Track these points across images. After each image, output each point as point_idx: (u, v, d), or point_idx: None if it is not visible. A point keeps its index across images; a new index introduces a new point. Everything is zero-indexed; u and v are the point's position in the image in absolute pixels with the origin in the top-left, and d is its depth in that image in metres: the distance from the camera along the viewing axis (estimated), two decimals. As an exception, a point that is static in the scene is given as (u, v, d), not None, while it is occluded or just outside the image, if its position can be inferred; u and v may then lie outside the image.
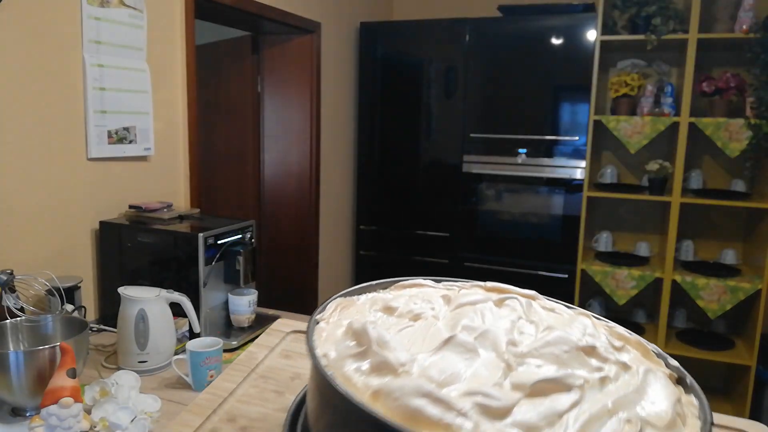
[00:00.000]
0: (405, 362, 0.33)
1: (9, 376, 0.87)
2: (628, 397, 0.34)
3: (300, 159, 2.36)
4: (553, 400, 0.32)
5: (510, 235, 2.41)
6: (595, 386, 0.35)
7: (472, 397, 0.31)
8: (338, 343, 0.36)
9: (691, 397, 0.37)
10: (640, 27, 2.17)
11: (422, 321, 0.39)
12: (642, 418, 0.33)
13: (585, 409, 0.32)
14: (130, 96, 1.44)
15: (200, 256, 1.20)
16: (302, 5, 2.18)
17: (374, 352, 0.33)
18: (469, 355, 0.35)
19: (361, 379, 0.32)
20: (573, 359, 0.36)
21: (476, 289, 0.46)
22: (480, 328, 0.37)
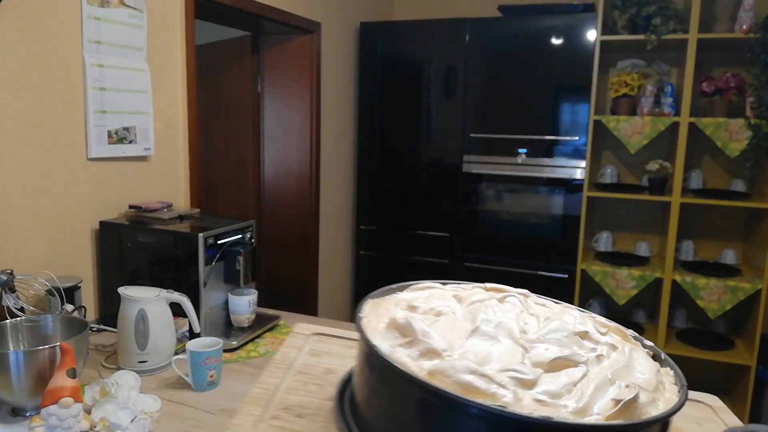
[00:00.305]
0: (446, 348, 0.40)
1: (9, 376, 0.87)
2: (622, 370, 0.43)
3: (300, 159, 2.36)
4: (568, 374, 0.40)
5: (510, 235, 2.41)
6: (594, 362, 0.43)
7: (506, 372, 0.38)
8: (384, 335, 0.42)
9: (667, 369, 0.46)
10: (640, 27, 2.17)
11: (444, 316, 0.46)
12: (636, 384, 0.40)
13: (592, 379, 0.40)
14: (130, 96, 1.44)
15: (200, 256, 1.20)
16: (302, 5, 2.18)
17: (420, 341, 0.41)
18: (492, 341, 0.42)
19: (414, 363, 0.39)
20: (572, 342, 0.45)
21: (478, 289, 0.53)
22: (495, 320, 0.45)
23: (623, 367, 0.43)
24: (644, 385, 0.41)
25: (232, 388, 1.04)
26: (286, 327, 1.37)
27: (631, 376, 0.42)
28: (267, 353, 1.21)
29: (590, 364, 0.42)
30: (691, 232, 2.44)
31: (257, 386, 0.52)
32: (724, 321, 2.40)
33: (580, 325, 0.48)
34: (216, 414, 0.95)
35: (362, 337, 0.41)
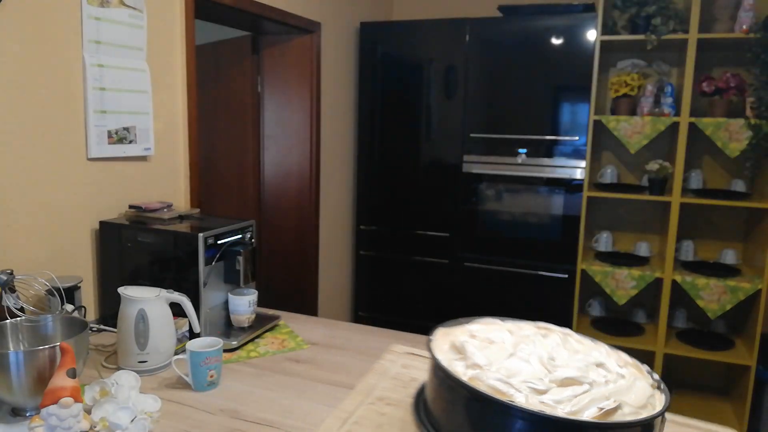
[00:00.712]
0: (486, 364, 0.58)
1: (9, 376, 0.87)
2: (620, 392, 0.55)
3: (300, 159, 2.36)
4: (573, 389, 0.54)
5: (510, 235, 2.41)
6: (601, 385, 0.56)
7: (525, 383, 0.54)
8: (446, 353, 0.62)
9: (663, 396, 0.57)
10: (640, 27, 2.17)
11: (494, 344, 0.63)
12: (623, 401, 0.53)
13: (591, 394, 0.53)
14: (130, 96, 1.44)
15: (200, 256, 1.20)
16: (302, 5, 2.18)
17: (469, 357, 0.59)
18: (524, 363, 0.58)
19: (463, 371, 0.57)
20: (588, 369, 0.58)
21: (528, 326, 0.70)
22: (530, 350, 0.61)
23: (623, 389, 0.55)
24: (631, 402, 0.53)
25: (232, 388, 1.04)
26: (286, 327, 1.37)
27: (625, 396, 0.54)
28: (267, 353, 1.21)
29: (595, 385, 0.55)
30: (691, 232, 2.44)
31: (361, 384, 0.74)
32: (724, 321, 2.40)
33: (600, 357, 0.61)
34: (216, 414, 0.95)
35: (430, 353, 0.59)
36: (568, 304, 2.34)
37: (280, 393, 1.03)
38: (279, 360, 1.18)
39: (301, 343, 1.28)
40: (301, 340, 1.29)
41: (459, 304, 2.52)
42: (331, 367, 1.15)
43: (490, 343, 0.61)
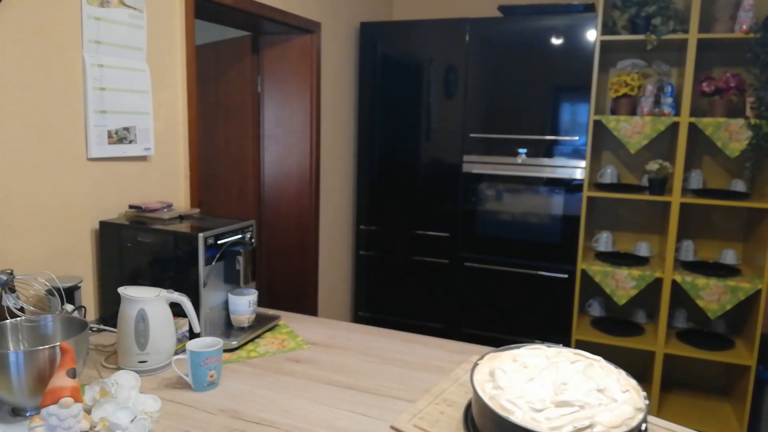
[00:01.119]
0: (506, 386, 0.70)
1: (9, 376, 0.87)
2: (601, 413, 0.64)
3: (300, 159, 2.36)
4: (565, 410, 0.64)
5: (510, 235, 2.41)
6: (594, 407, 0.65)
7: (528, 403, 0.66)
8: (483, 374, 0.74)
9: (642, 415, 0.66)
10: (640, 27, 2.17)
11: (527, 368, 0.74)
12: (597, 421, 0.63)
13: (575, 415, 0.64)
14: (130, 96, 1.44)
15: (200, 256, 1.20)
16: (302, 5, 2.18)
17: (495, 381, 0.71)
18: (538, 386, 0.70)
19: (489, 391, 0.69)
20: (590, 394, 0.67)
21: (565, 352, 0.80)
22: (550, 375, 0.72)
23: (605, 412, 0.65)
24: (606, 422, 0.63)
25: (232, 388, 1.04)
26: (286, 327, 1.37)
27: (602, 417, 0.64)
28: (267, 353, 1.21)
29: (587, 407, 0.65)
30: (691, 232, 2.44)
31: (436, 387, 0.89)
32: (724, 321, 2.40)
33: (606, 383, 0.70)
34: (216, 414, 0.95)
35: (470, 376, 0.73)
36: (569, 304, 2.34)
37: (280, 393, 1.03)
38: (279, 360, 1.18)
39: (301, 343, 1.28)
40: (301, 340, 1.29)
41: (459, 304, 2.53)
42: (331, 367, 1.15)
43: (525, 367, 0.75)
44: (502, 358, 0.75)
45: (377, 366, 1.15)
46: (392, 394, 1.03)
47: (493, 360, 0.74)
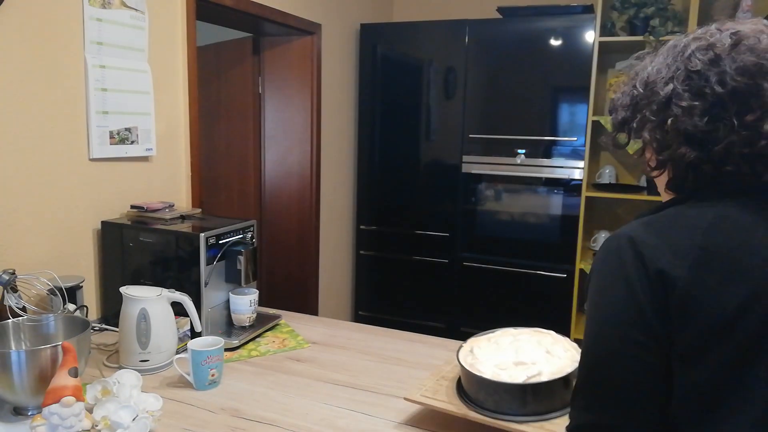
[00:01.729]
0: (481, 357, 0.90)
1: (11, 375, 0.87)
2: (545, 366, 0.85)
3: (301, 159, 2.37)
4: (522, 367, 0.85)
5: (509, 235, 2.42)
6: (542, 363, 0.86)
7: (495, 365, 0.86)
8: (466, 352, 0.93)
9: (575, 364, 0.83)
10: (638, 28, 2.18)
11: (497, 344, 0.93)
12: (542, 371, 0.84)
13: (529, 369, 0.84)
14: (131, 97, 1.45)
15: (201, 255, 1.20)
16: (303, 7, 2.19)
17: (474, 355, 0.91)
18: (503, 354, 0.90)
19: (469, 361, 0.89)
20: (541, 355, 0.88)
21: (529, 330, 0.97)
22: (514, 347, 0.91)
23: (548, 365, 0.85)
24: (549, 371, 0.84)
25: (234, 387, 1.05)
26: (287, 326, 1.38)
27: (546, 368, 0.84)
28: (268, 352, 1.22)
29: (537, 364, 0.86)
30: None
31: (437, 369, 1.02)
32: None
33: (553, 347, 0.90)
34: (217, 413, 0.96)
35: (457, 354, 0.93)
36: (567, 303, 2.35)
37: (281, 392, 1.04)
38: (280, 359, 1.19)
39: (302, 342, 1.28)
40: (301, 339, 1.30)
41: (458, 304, 2.53)
42: (331, 366, 1.16)
43: (496, 344, 0.93)
44: (480, 340, 0.96)
45: (377, 365, 1.16)
46: (392, 393, 1.03)
47: (474, 342, 0.96)
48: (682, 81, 0.56)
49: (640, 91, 0.60)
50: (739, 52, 0.55)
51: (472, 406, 0.86)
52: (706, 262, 0.52)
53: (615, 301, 0.53)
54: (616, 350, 0.52)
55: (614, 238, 0.56)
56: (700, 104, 0.55)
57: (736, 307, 0.50)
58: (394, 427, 0.92)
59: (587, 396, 0.55)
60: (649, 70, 0.60)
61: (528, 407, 0.82)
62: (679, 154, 0.56)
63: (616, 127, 0.65)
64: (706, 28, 0.59)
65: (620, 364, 0.52)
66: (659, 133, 0.58)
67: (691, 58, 0.56)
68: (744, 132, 0.54)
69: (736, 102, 0.54)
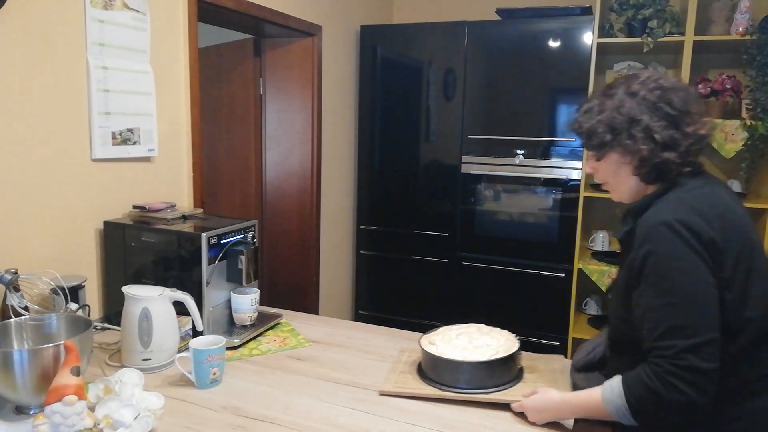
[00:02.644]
0: (439, 344, 1.09)
1: (13, 374, 0.88)
2: (493, 348, 1.06)
3: (301, 160, 2.38)
4: (475, 351, 1.05)
5: (508, 234, 2.43)
6: (490, 345, 1.08)
7: (451, 353, 1.05)
8: (427, 341, 1.10)
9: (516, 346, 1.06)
10: (636, 30, 2.19)
11: (454, 336, 1.12)
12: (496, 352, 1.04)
13: (481, 351, 1.05)
14: (133, 98, 1.46)
15: (203, 255, 1.21)
16: (303, 9, 2.20)
17: (434, 343, 1.10)
18: (457, 341, 1.10)
19: (430, 347, 1.07)
20: (487, 340, 1.09)
21: (475, 326, 1.17)
22: (464, 336, 1.12)
23: (495, 347, 1.06)
24: (497, 347, 1.05)
25: (235, 386, 1.06)
26: (288, 325, 1.39)
27: (497, 349, 1.05)
28: (269, 351, 1.23)
29: (484, 348, 1.05)
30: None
31: (398, 358, 1.19)
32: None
33: (497, 335, 1.11)
34: (219, 411, 0.97)
35: (419, 341, 1.11)
36: (565, 302, 2.35)
37: (282, 390, 1.05)
38: (281, 358, 1.20)
39: (303, 341, 1.29)
40: (302, 338, 1.31)
41: (458, 303, 2.54)
42: (332, 364, 1.16)
43: (447, 337, 1.12)
44: (431, 336, 1.14)
45: (377, 363, 1.17)
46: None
47: (427, 338, 1.13)
48: (651, 111, 0.85)
49: (619, 120, 0.86)
50: (674, 90, 0.86)
51: (445, 387, 1.01)
52: (721, 225, 0.80)
53: (693, 263, 0.78)
54: (705, 291, 0.78)
55: (664, 225, 0.80)
56: (666, 123, 0.84)
57: (739, 250, 0.81)
58: (395, 424, 0.93)
59: (691, 326, 0.76)
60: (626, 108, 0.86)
61: (493, 380, 1.00)
62: (664, 157, 0.84)
63: (595, 146, 0.90)
64: (643, 74, 0.90)
65: (710, 299, 0.77)
66: (647, 144, 0.84)
67: (648, 96, 0.86)
68: (691, 138, 0.85)
69: (683, 119, 0.85)
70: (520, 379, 1.04)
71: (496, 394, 0.98)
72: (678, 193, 0.84)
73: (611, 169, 0.90)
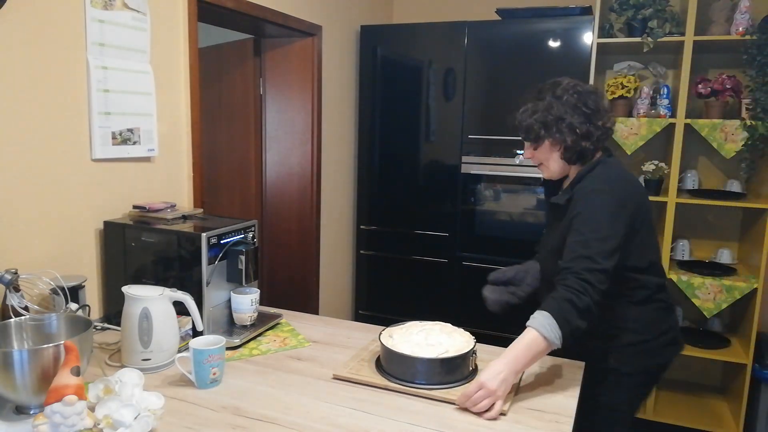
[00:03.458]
0: (398, 339, 1.13)
1: (13, 374, 0.87)
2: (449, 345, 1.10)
3: (301, 160, 2.38)
4: (430, 347, 1.09)
5: (508, 234, 2.43)
6: (445, 344, 1.10)
7: (403, 346, 1.09)
8: (387, 336, 1.14)
9: (472, 344, 1.11)
10: (636, 30, 2.19)
11: (411, 332, 1.16)
12: (449, 348, 1.09)
13: (436, 348, 1.08)
14: (133, 98, 1.46)
15: (203, 255, 1.21)
16: (303, 9, 2.20)
17: (393, 338, 1.13)
18: (414, 336, 1.14)
19: (388, 342, 1.11)
20: (444, 338, 1.13)
21: (433, 323, 1.21)
22: (422, 332, 1.16)
23: (451, 345, 1.10)
24: (453, 349, 1.08)
25: (235, 386, 1.06)
26: (288, 325, 1.39)
27: (450, 347, 1.09)
28: (269, 351, 1.23)
29: (439, 345, 1.09)
30: (686, 231, 2.46)
31: (361, 348, 1.24)
32: (719, 319, 2.42)
33: (454, 334, 1.15)
34: (219, 411, 0.97)
35: (379, 337, 1.14)
36: (566, 303, 2.35)
37: (282, 390, 1.05)
38: (281, 357, 1.20)
39: (303, 341, 1.29)
40: (302, 338, 1.31)
41: (457, 302, 2.54)
42: (332, 364, 1.16)
43: (408, 332, 1.15)
44: (394, 329, 1.16)
45: (377, 364, 1.17)
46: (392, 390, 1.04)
47: (389, 331, 1.16)
48: (572, 111, 1.14)
49: (550, 118, 1.15)
50: (588, 93, 1.15)
51: (394, 379, 1.05)
52: (632, 190, 1.13)
53: (612, 216, 1.07)
54: (614, 235, 1.05)
55: (595, 191, 1.11)
56: (584, 119, 1.14)
57: (645, 209, 1.15)
58: (395, 424, 0.93)
59: (594, 256, 1.03)
60: (554, 109, 1.15)
61: (439, 377, 1.03)
62: (583, 145, 1.14)
63: (532, 139, 1.19)
64: (564, 81, 1.19)
65: (615, 242, 1.05)
66: (570, 136, 1.14)
67: (569, 99, 1.15)
68: (601, 130, 1.15)
69: (595, 116, 1.14)
70: (471, 380, 1.06)
71: (439, 391, 1.01)
72: (602, 169, 1.14)
73: (544, 155, 1.19)
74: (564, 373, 1.14)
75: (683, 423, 2.26)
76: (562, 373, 1.14)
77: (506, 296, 1.35)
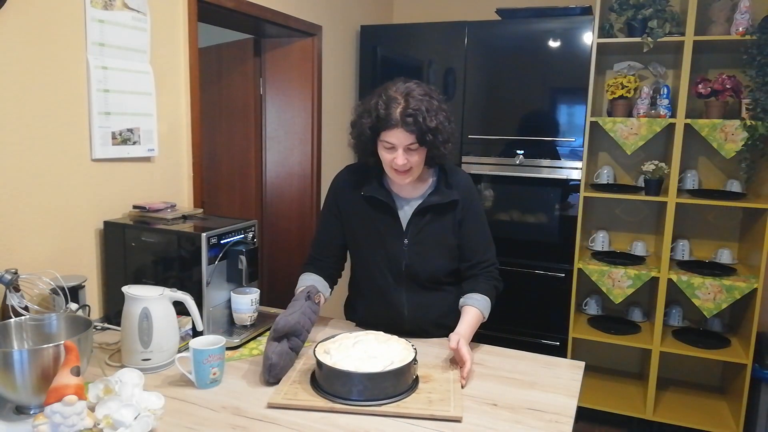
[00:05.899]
0: (333, 352, 1.06)
1: (13, 374, 0.87)
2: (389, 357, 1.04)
3: (301, 160, 2.38)
4: (359, 359, 1.03)
5: (508, 234, 2.43)
6: (377, 356, 1.04)
7: (345, 358, 1.04)
8: (322, 349, 1.08)
9: (412, 355, 1.05)
10: (636, 30, 2.19)
11: (352, 343, 1.10)
12: (391, 361, 1.02)
13: (376, 361, 1.02)
14: (133, 98, 1.46)
15: (203, 255, 1.21)
16: (303, 9, 2.20)
17: (328, 352, 1.06)
18: (352, 350, 1.07)
19: (322, 356, 1.04)
20: (382, 350, 1.06)
21: (372, 333, 1.16)
22: (360, 344, 1.09)
23: (390, 356, 1.04)
24: (395, 360, 1.02)
25: (235, 386, 1.06)
26: (287, 326, 1.39)
27: (392, 358, 1.03)
28: (268, 351, 1.22)
29: (380, 358, 1.03)
30: (686, 231, 2.47)
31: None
32: (719, 319, 2.42)
33: (393, 344, 1.09)
34: (219, 411, 0.97)
35: (313, 351, 1.07)
36: (565, 302, 2.36)
37: (282, 390, 1.04)
38: (280, 358, 1.19)
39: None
40: (302, 339, 1.30)
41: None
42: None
43: (342, 345, 1.08)
44: (326, 344, 1.10)
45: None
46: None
47: (323, 346, 1.08)
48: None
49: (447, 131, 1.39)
50: (413, 96, 1.29)
51: (337, 399, 0.97)
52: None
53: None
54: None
55: (473, 186, 1.41)
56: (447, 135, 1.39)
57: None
58: (393, 423, 0.93)
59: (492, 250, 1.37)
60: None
61: (387, 391, 0.98)
62: (441, 152, 1.32)
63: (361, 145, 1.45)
64: (393, 87, 1.31)
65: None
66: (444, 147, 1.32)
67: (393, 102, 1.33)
68: (450, 141, 1.36)
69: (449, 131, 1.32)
70: (414, 389, 1.01)
71: (388, 406, 0.95)
72: (457, 169, 1.39)
73: (422, 159, 1.29)
74: (564, 373, 1.15)
75: (683, 423, 2.26)
76: (562, 373, 1.14)
77: (286, 358, 1.08)
